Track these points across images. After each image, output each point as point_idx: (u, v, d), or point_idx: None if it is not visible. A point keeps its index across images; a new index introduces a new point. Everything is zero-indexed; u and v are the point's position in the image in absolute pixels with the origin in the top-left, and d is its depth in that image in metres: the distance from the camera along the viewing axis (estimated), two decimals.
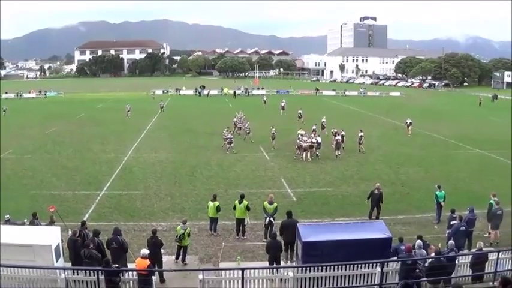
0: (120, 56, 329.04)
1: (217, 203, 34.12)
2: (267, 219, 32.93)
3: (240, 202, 33.64)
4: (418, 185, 48.34)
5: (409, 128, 78.59)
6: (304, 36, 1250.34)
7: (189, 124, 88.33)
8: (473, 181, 49.90)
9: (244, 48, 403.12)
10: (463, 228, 30.38)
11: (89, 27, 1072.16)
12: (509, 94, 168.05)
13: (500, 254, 25.79)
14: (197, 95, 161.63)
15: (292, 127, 73.84)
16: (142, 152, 62.85)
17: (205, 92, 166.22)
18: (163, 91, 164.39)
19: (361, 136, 64.75)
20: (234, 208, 33.92)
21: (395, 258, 24.96)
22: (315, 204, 41.51)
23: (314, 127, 68.86)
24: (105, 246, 26.65)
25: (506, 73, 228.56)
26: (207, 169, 53.73)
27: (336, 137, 62.05)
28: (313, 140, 60.31)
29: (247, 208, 33.81)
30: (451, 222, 31.19)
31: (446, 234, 31.12)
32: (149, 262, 23.85)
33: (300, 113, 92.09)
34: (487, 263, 25.71)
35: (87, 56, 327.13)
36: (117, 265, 24.44)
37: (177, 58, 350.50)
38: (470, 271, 25.70)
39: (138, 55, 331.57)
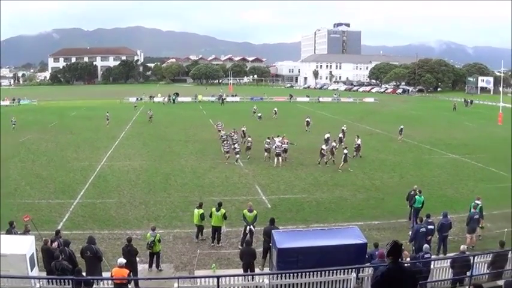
0: (94, 63, 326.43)
1: (201, 211, 34.15)
2: (248, 228, 32.89)
3: (218, 210, 33.60)
4: (393, 190, 48.56)
5: (401, 135, 78.92)
6: (278, 43, 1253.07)
7: (162, 131, 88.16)
8: (448, 186, 50.30)
9: (218, 55, 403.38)
10: (423, 230, 30.68)
11: (63, 34, 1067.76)
12: (483, 99, 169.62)
13: (476, 258, 25.97)
14: (171, 102, 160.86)
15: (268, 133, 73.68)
16: (117, 160, 62.54)
17: (161, 99, 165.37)
18: (137, 98, 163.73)
19: (358, 144, 65.51)
20: (211, 216, 33.83)
21: (369, 264, 25.09)
22: (290, 211, 41.60)
23: (340, 135, 71.28)
24: (76, 256, 26.52)
25: (480, 78, 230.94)
26: (181, 176, 53.63)
27: (333, 143, 62.79)
28: (286, 146, 60.68)
29: (225, 217, 33.81)
30: (429, 227, 31.40)
31: (409, 236, 31.36)
32: (128, 271, 23.76)
33: (307, 121, 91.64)
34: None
35: (61, 64, 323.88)
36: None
37: (151, 65, 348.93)
38: (452, 274, 25.88)
39: (111, 62, 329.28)
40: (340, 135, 70.75)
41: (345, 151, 58.58)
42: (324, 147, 60.83)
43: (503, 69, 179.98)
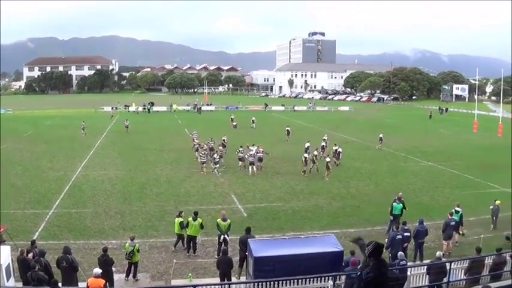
0: (69, 72, 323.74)
1: (181, 219, 34.04)
2: (222, 237, 32.74)
3: (194, 219, 33.40)
4: (368, 198, 48.83)
5: (381, 143, 79.11)
6: (253, 52, 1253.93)
7: (138, 141, 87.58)
8: (423, 193, 50.54)
9: (193, 64, 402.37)
10: (399, 237, 30.78)
11: (38, 43, 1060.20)
12: (459, 106, 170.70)
13: (453, 264, 26.04)
14: (145, 111, 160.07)
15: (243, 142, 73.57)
16: (92, 170, 62.00)
17: (134, 108, 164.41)
18: (112, 108, 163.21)
19: (338, 151, 65.75)
20: (187, 225, 33.61)
21: (347, 271, 25.05)
22: (266, 220, 41.52)
23: (323, 143, 70.75)
24: (51, 266, 26.30)
25: (455, 86, 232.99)
26: (157, 186, 53.34)
27: (314, 151, 62.48)
28: (261, 155, 60.74)
29: (201, 226, 33.68)
30: (405, 234, 31.46)
31: (385, 243, 31.35)
32: (104, 281, 23.59)
33: (288, 130, 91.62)
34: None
35: (36, 73, 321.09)
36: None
37: (126, 74, 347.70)
38: (428, 281, 25.95)
39: (86, 71, 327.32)
40: (323, 143, 70.53)
41: (327, 159, 59.00)
42: (306, 155, 60.76)
43: (477, 77, 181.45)
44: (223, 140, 73.18)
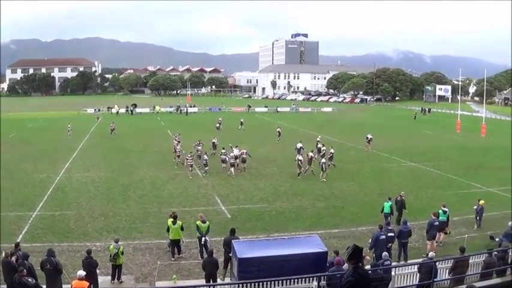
0: (52, 74, 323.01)
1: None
2: (203, 239, 32.67)
3: (174, 223, 33.14)
4: (352, 199, 49.04)
5: (369, 143, 79.03)
6: (236, 54, 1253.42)
7: (121, 142, 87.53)
8: (407, 193, 50.12)
9: (176, 66, 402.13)
10: (382, 237, 30.76)
11: (21, 45, 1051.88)
12: (442, 107, 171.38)
13: (437, 264, 26.06)
14: (128, 113, 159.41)
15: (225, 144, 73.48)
16: (75, 172, 61.72)
17: (116, 110, 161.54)
18: (94, 110, 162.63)
19: (331, 153, 65.44)
20: (168, 230, 33.47)
21: (331, 271, 25.00)
22: (250, 221, 41.47)
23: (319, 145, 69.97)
24: (35, 269, 26.13)
25: (438, 87, 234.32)
26: (140, 188, 53.20)
27: (309, 153, 62.10)
28: (244, 156, 60.85)
29: (182, 228, 33.40)
30: (389, 234, 31.47)
31: (369, 244, 31.36)
32: (88, 283, 23.47)
33: (279, 131, 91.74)
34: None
35: (19, 75, 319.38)
36: None
37: (109, 76, 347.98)
38: (418, 280, 25.96)
39: (69, 73, 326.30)
40: (319, 145, 69.97)
41: (323, 160, 59.03)
42: (299, 157, 60.74)
43: (461, 78, 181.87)
44: (213, 143, 73.04)
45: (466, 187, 53.50)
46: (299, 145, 69.15)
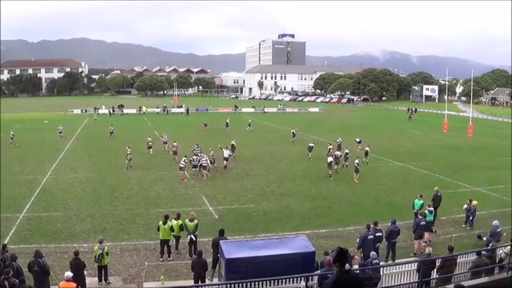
0: (38, 75, 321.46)
1: (180, 222, 33.56)
2: (188, 237, 32.65)
3: (164, 223, 33.17)
4: (339, 199, 49.01)
5: (359, 145, 78.53)
6: (222, 54, 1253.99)
7: (108, 144, 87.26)
8: (395, 193, 50.80)
9: (163, 66, 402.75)
10: (370, 237, 30.82)
11: (7, 46, 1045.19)
12: (428, 107, 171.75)
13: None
14: (111, 114, 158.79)
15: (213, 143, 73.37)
16: (62, 173, 61.56)
17: (99, 111, 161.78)
18: (81, 110, 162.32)
19: (330, 149, 66.12)
20: (158, 229, 33.43)
21: (319, 271, 24.97)
22: (237, 221, 41.45)
23: (330, 146, 68.97)
24: (23, 271, 26.01)
25: (425, 87, 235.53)
26: (127, 189, 53.08)
27: (336, 152, 62.88)
28: (210, 159, 60.58)
29: (172, 229, 33.27)
30: (377, 234, 31.46)
31: (357, 244, 31.35)
32: (75, 285, 23.40)
33: (293, 132, 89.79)
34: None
35: (5, 76, 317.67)
36: None
37: (96, 77, 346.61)
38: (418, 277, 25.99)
39: (56, 74, 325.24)
40: (346, 151, 69.17)
41: (356, 161, 58.37)
42: (331, 159, 60.64)
43: (447, 78, 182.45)
44: (232, 144, 71.92)
45: (453, 187, 53.65)
46: (311, 144, 69.29)
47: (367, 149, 69.19)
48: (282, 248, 26.22)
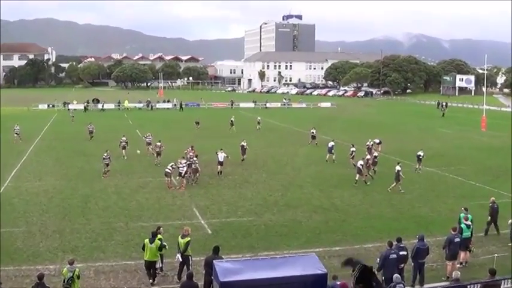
0: None
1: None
2: (177, 256, 32.35)
3: (152, 241, 32.43)
4: (355, 210, 48.83)
5: (379, 146, 78.19)
6: (217, 39, 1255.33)
7: (80, 145, 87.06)
8: (422, 203, 50.42)
9: (145, 53, 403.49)
10: (393, 256, 30.21)
11: None
12: (463, 101, 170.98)
13: None
14: (86, 110, 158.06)
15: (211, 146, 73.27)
16: (24, 180, 61.13)
17: (69, 106, 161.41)
18: (48, 105, 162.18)
19: (353, 151, 66.71)
20: (143, 248, 32.89)
21: None
22: (234, 237, 41.28)
23: (353, 148, 69.18)
24: None
25: (459, 77, 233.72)
26: (103, 199, 52.73)
27: (366, 156, 62.78)
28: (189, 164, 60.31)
29: (160, 249, 32.62)
30: (400, 253, 31.11)
31: (377, 264, 31.00)
32: None
33: (313, 134, 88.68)
34: None
35: None
36: None
37: (65, 65, 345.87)
38: None
39: (16, 62, 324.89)
40: (375, 154, 68.74)
41: (397, 168, 56.32)
42: (361, 162, 59.78)
43: (486, 66, 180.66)
44: (242, 145, 71.76)
45: (493, 197, 53.03)
46: (331, 144, 69.44)
47: (420, 153, 67.22)
48: (288, 269, 25.89)
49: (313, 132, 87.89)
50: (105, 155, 63.83)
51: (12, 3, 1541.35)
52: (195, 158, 60.13)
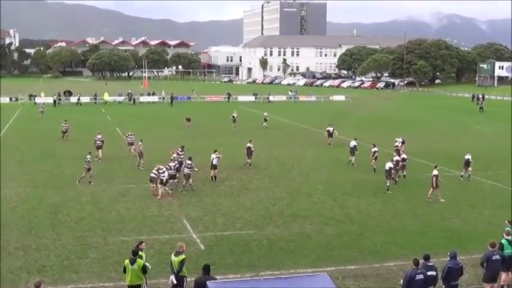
0: None
1: (141, 262, 31.69)
2: (170, 278, 32.08)
3: (133, 262, 31.33)
4: (374, 222, 48.55)
5: (403, 146, 77.64)
6: (211, 21, 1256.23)
7: (49, 145, 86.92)
8: (453, 215, 50.23)
9: (127, 37, 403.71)
10: (419, 277, 29.77)
11: None
12: (503, 93, 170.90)
13: None
14: (56, 104, 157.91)
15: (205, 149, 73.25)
16: None
17: (36, 99, 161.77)
18: (10, 98, 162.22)
19: (375, 152, 66.75)
20: (124, 271, 32.20)
21: None
22: (231, 254, 41.12)
23: (375, 149, 68.54)
24: None
25: (498, 64, 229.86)
26: (77, 209, 52.39)
27: (394, 157, 62.50)
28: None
29: (144, 270, 31.78)
30: (428, 273, 30.88)
31: (400, 286, 30.77)
32: None
33: (329, 131, 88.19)
34: None
35: None
36: None
37: (31, 51, 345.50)
38: None
39: None
40: (404, 156, 68.17)
41: (435, 172, 55.42)
42: (391, 165, 59.39)
43: None
44: (249, 147, 71.22)
45: None
46: (353, 143, 69.60)
47: (467, 157, 65.36)
48: None
49: (329, 130, 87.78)
50: (88, 157, 63.19)
51: None
52: (188, 161, 59.19)
